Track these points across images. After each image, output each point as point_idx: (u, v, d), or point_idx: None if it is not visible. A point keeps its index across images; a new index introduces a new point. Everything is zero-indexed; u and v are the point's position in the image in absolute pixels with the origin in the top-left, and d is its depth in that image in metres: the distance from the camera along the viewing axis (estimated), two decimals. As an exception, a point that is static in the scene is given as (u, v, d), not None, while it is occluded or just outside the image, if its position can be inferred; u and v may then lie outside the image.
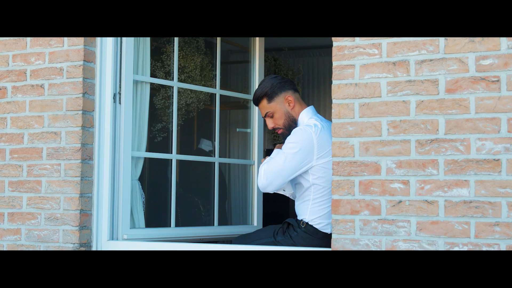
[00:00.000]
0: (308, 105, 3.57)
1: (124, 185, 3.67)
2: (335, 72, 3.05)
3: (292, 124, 3.50)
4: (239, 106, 5.43)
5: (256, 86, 4.44)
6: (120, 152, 3.67)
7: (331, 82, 3.05)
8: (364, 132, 2.98)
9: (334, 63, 3.04)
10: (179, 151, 4.71)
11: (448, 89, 2.85)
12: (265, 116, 3.53)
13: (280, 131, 3.55)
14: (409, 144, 2.90)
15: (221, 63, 6.38)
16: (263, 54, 4.83)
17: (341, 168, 3.01)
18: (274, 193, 3.51)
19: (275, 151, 3.47)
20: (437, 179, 2.83)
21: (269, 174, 3.31)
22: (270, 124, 3.54)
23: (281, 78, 3.54)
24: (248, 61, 4.85)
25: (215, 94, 4.44)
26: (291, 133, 3.39)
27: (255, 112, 4.66)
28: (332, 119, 3.06)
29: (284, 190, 3.63)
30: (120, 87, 3.69)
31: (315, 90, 7.41)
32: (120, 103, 3.69)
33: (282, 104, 3.50)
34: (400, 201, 2.89)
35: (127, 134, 3.69)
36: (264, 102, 3.51)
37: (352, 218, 2.98)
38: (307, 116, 3.49)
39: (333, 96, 3.06)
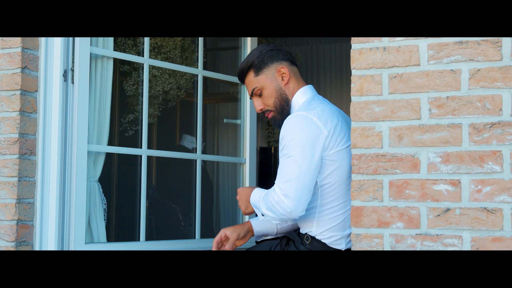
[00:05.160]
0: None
1: (78, 187, 2.86)
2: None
3: (284, 105, 2.68)
4: (229, 98, 4.75)
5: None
6: (73, 145, 2.87)
7: (332, 73, 2.24)
8: (396, 114, 2.18)
9: (354, 21, 2.25)
10: (158, 149, 3.92)
11: (516, 52, 2.05)
12: (252, 94, 2.72)
13: (270, 115, 2.73)
14: (460, 129, 2.10)
15: (209, 49, 5.56)
16: (256, 40, 4.06)
17: (364, 164, 2.21)
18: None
19: (255, 193, 2.61)
20: (501, 178, 2.04)
21: (289, 191, 2.42)
22: (258, 105, 2.72)
23: (273, 46, 2.73)
24: (238, 47, 4.06)
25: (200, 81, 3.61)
26: (283, 126, 2.55)
27: (247, 103, 3.87)
28: (352, 97, 2.26)
29: (266, 235, 2.80)
30: (73, 62, 2.89)
31: (314, 81, 6.68)
32: (73, 82, 2.88)
33: (273, 77, 2.69)
34: (448, 209, 2.09)
35: (82, 122, 2.88)
36: (251, 75, 2.70)
37: (380, 233, 2.17)
38: (303, 97, 2.67)
39: (352, 65, 2.26)
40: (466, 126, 2.10)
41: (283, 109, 2.67)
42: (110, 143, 3.22)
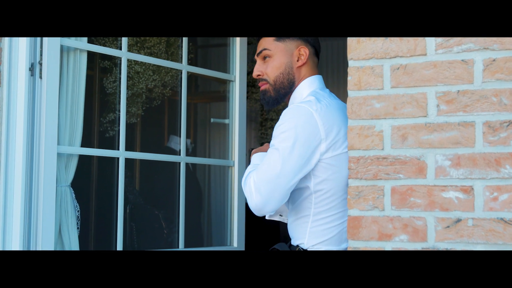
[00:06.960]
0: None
1: (46, 192, 2.61)
2: (352, 18, 1.98)
3: (286, 85, 2.42)
4: (220, 97, 4.48)
5: (237, 71, 3.66)
6: (41, 147, 2.64)
7: (330, 71, 1.98)
8: (399, 111, 1.92)
9: (351, 5, 1.98)
10: (142, 151, 3.66)
11: (538, 39, 1.79)
12: (258, 54, 2.45)
13: (263, 86, 2.46)
14: (473, 128, 1.84)
15: (200, 46, 5.35)
16: (246, 39, 3.83)
17: (362, 168, 1.94)
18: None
19: (256, 156, 2.40)
20: (521, 184, 1.77)
21: (262, 187, 2.21)
22: (257, 68, 2.45)
23: None
24: (227, 44, 3.81)
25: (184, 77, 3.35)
26: (282, 115, 2.29)
27: (236, 102, 3.63)
28: (349, 92, 1.99)
29: (281, 214, 2.55)
30: (41, 55, 2.63)
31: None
32: (41, 77, 2.63)
33: (290, 52, 2.43)
34: (459, 220, 1.83)
35: (51, 121, 2.64)
36: (271, 37, 2.44)
37: (381, 246, 1.91)
38: (309, 87, 2.41)
39: (349, 55, 2.00)
40: (479, 125, 1.83)
41: (281, 89, 2.41)
42: (88, 144, 2.96)
